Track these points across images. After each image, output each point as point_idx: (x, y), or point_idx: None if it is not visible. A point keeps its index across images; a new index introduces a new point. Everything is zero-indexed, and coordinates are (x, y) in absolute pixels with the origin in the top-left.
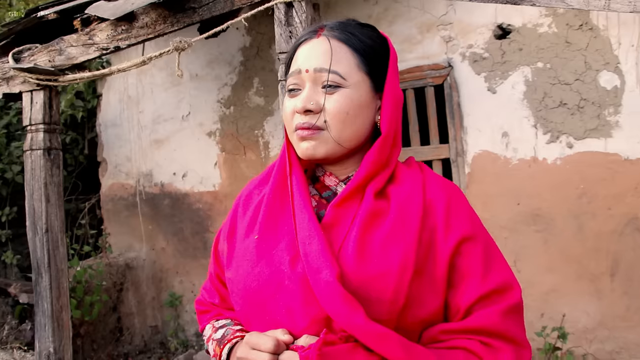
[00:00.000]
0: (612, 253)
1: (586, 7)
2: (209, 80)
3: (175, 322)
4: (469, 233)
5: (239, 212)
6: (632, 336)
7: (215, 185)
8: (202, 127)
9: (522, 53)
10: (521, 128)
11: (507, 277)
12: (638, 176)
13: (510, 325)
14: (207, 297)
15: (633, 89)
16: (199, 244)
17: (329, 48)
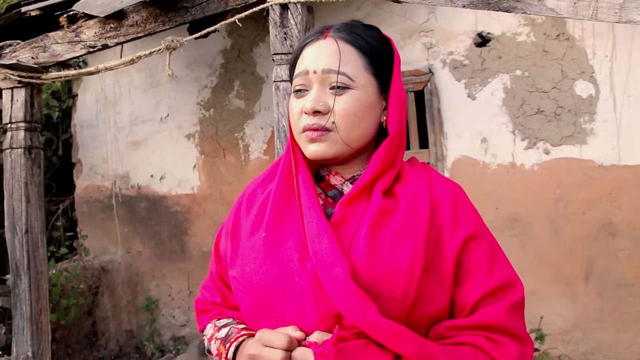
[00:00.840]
0: (587, 257)
1: (575, 17)
2: (189, 82)
3: (151, 327)
4: (474, 231)
5: (242, 211)
6: (605, 337)
7: (193, 188)
8: (181, 129)
9: (501, 61)
10: (500, 134)
11: (511, 274)
12: (611, 182)
13: (515, 321)
14: (207, 296)
15: (607, 98)
16: (176, 247)
17: (337, 49)
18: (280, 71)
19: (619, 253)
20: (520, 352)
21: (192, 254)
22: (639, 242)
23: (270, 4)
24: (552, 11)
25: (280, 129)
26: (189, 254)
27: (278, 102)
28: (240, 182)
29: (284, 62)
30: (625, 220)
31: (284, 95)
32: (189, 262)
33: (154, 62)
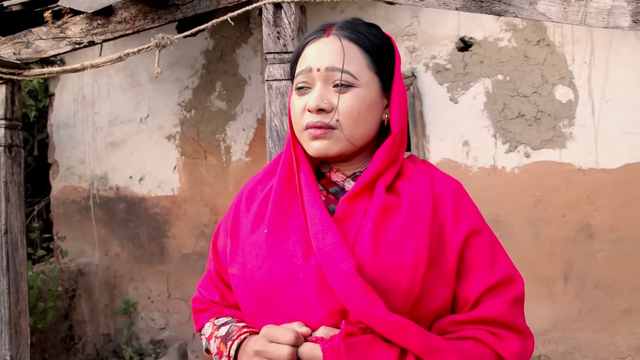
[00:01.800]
0: (566, 258)
1: (564, 21)
2: (170, 82)
3: (129, 330)
4: (476, 226)
5: (242, 208)
6: (583, 337)
7: (174, 189)
8: (162, 130)
9: (483, 65)
10: (481, 137)
11: (511, 269)
12: (590, 185)
13: (516, 315)
14: (205, 294)
15: (585, 103)
16: (155, 250)
17: (341, 47)
18: (272, 70)
19: (596, 254)
20: (522, 346)
21: (171, 257)
22: (616, 243)
23: (264, 2)
24: (543, 15)
25: (272, 128)
26: (169, 256)
27: (270, 101)
28: (221, 184)
29: (276, 61)
30: (603, 222)
31: (277, 94)
32: (169, 265)
33: (134, 62)
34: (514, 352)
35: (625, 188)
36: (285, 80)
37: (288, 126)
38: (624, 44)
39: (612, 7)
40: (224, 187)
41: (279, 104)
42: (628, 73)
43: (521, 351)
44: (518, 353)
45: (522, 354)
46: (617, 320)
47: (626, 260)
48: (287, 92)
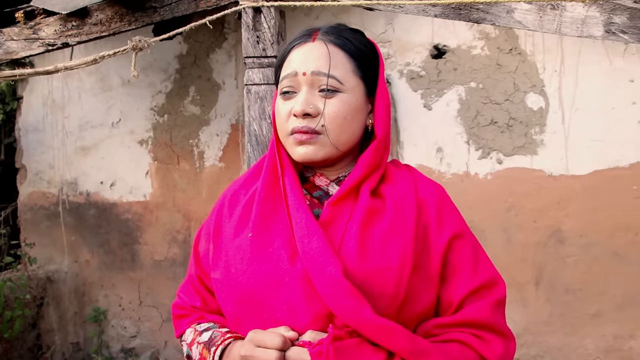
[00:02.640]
0: (537, 263)
1: (540, 30)
2: (143, 87)
3: (99, 339)
4: (459, 230)
5: (225, 212)
6: (554, 341)
7: (146, 195)
8: (134, 135)
9: (457, 73)
10: (454, 144)
11: (494, 273)
12: (560, 191)
13: (498, 318)
14: (186, 300)
15: (556, 111)
16: (126, 256)
17: (327, 52)
18: (251, 74)
19: (567, 259)
20: (504, 348)
21: (143, 263)
22: (585, 248)
23: (243, 6)
24: (520, 24)
25: (251, 133)
26: (140, 263)
27: (249, 105)
28: (194, 190)
29: (255, 66)
30: (573, 227)
31: (256, 99)
32: (140, 272)
33: (105, 66)
34: (497, 354)
35: (594, 194)
36: (265, 85)
37: (267, 131)
38: (593, 54)
39: (585, 17)
40: (197, 193)
41: (258, 108)
42: (597, 82)
43: (504, 353)
44: (501, 355)
45: (504, 356)
46: (587, 324)
47: (595, 264)
48: (266, 97)
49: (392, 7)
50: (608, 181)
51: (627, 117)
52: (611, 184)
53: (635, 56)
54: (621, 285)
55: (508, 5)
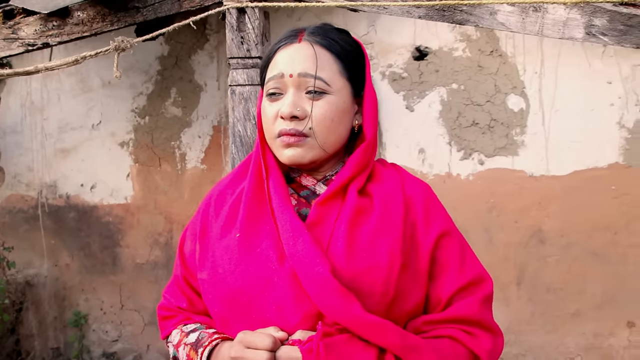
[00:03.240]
0: (519, 263)
1: (523, 31)
2: (123, 88)
3: (79, 343)
4: (446, 228)
5: (211, 212)
6: (535, 339)
7: (127, 197)
8: (114, 137)
9: (439, 74)
10: (437, 145)
11: (481, 269)
12: (541, 192)
13: (487, 314)
14: (172, 301)
15: (536, 112)
16: (107, 259)
17: (313, 53)
18: (236, 75)
19: (548, 259)
20: (493, 343)
21: (124, 266)
22: (566, 248)
23: (227, 7)
24: (502, 25)
25: (235, 134)
26: (122, 266)
27: (233, 106)
28: (176, 192)
29: (240, 67)
30: (554, 227)
31: (240, 99)
32: (122, 275)
33: (85, 67)
34: (486, 350)
35: (574, 194)
36: (249, 86)
37: (251, 132)
38: (572, 56)
39: (567, 19)
40: (179, 195)
41: (242, 109)
42: (576, 84)
43: (493, 349)
44: (490, 350)
45: (493, 351)
46: (567, 322)
47: (575, 264)
48: (250, 98)
49: (377, 8)
50: (587, 182)
51: (605, 118)
52: (590, 184)
53: (613, 58)
54: (600, 284)
55: (491, 7)
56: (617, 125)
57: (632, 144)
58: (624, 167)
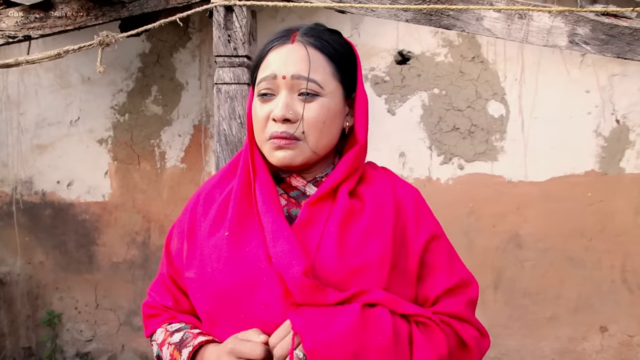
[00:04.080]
0: (496, 267)
1: (508, 38)
2: (103, 85)
3: (52, 343)
4: (435, 232)
5: (199, 210)
6: (512, 343)
7: (104, 195)
8: (93, 134)
9: (420, 79)
10: (417, 149)
11: (468, 273)
12: (519, 197)
13: (472, 315)
14: (157, 299)
15: (516, 119)
16: (83, 258)
17: (307, 55)
18: (222, 74)
19: (525, 263)
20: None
21: (100, 265)
22: (542, 253)
23: (215, 5)
24: (488, 31)
25: (220, 133)
26: (97, 264)
27: (219, 105)
28: (155, 191)
29: (226, 65)
30: (531, 232)
31: (226, 98)
32: (97, 274)
33: (64, 62)
34: (473, 337)
35: (551, 200)
36: (235, 84)
37: (237, 130)
38: (551, 64)
39: (551, 27)
40: (158, 194)
41: (228, 107)
42: (555, 91)
43: (480, 339)
44: (477, 338)
45: (480, 341)
46: (543, 326)
47: (551, 269)
48: (236, 97)
49: (364, 10)
50: (564, 188)
51: (582, 126)
52: (567, 191)
53: (591, 68)
54: (575, 289)
55: (478, 13)
56: (593, 133)
57: (607, 152)
58: (599, 174)
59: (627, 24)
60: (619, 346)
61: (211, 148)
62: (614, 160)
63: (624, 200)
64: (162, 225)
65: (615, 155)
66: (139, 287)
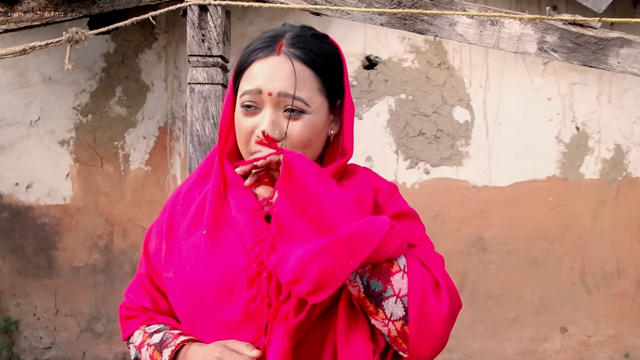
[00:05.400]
0: (461, 271)
1: (480, 44)
2: (65, 85)
3: (9, 351)
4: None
5: (178, 210)
6: (475, 345)
7: (65, 198)
8: (54, 135)
9: (388, 84)
10: (384, 153)
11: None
12: (483, 201)
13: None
14: (135, 300)
15: (481, 124)
16: (43, 263)
17: (293, 71)
18: (195, 73)
19: (488, 267)
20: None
21: (61, 270)
22: (505, 256)
23: (189, 3)
24: (461, 37)
25: (193, 133)
26: (58, 269)
27: (192, 105)
28: (118, 194)
29: (200, 65)
30: (495, 236)
31: (199, 98)
32: (57, 279)
33: (24, 61)
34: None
35: (514, 205)
36: (209, 85)
37: (210, 131)
38: (514, 71)
39: (521, 34)
40: (121, 197)
41: (201, 108)
42: (518, 98)
43: (454, 288)
44: (450, 288)
45: (454, 292)
46: (506, 327)
47: (514, 271)
48: (209, 97)
49: (340, 13)
50: (527, 192)
51: (544, 132)
52: (529, 195)
53: (553, 76)
54: (537, 291)
55: (451, 19)
56: (555, 139)
57: (568, 157)
58: (560, 179)
59: (593, 33)
60: (578, 346)
61: (176, 150)
62: (574, 166)
63: (583, 204)
64: (125, 229)
65: (575, 161)
66: (101, 292)
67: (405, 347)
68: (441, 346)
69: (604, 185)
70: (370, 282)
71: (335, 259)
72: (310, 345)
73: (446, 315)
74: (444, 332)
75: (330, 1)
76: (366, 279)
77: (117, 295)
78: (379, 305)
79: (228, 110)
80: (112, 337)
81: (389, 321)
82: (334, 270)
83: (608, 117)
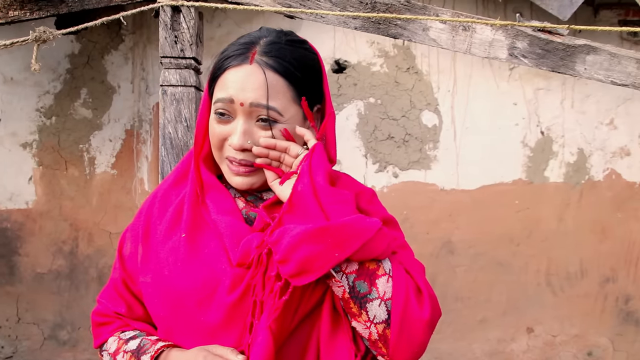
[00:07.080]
0: (430, 273)
1: (452, 49)
2: (28, 86)
3: None
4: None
5: (155, 213)
6: (444, 347)
7: (28, 202)
8: (16, 137)
9: (357, 88)
10: (353, 157)
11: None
12: (451, 205)
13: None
14: (109, 306)
15: (449, 128)
16: (4, 269)
17: (265, 81)
18: (168, 75)
19: (457, 269)
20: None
21: (23, 276)
22: (473, 258)
23: (162, 4)
24: (434, 41)
25: (165, 136)
26: (20, 276)
27: (165, 107)
28: (83, 198)
29: (172, 66)
30: (463, 239)
31: (172, 100)
32: (19, 285)
33: None
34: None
35: (481, 208)
36: (182, 87)
37: (182, 134)
38: (481, 76)
39: (492, 40)
40: (87, 201)
41: (174, 110)
42: (485, 103)
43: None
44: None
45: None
46: (474, 329)
47: (482, 273)
48: (182, 99)
49: (314, 16)
50: (494, 196)
51: (510, 137)
52: (496, 198)
53: (518, 82)
54: (504, 292)
55: (424, 24)
56: (521, 143)
57: (533, 161)
58: (526, 183)
59: (561, 40)
60: (543, 346)
61: (144, 154)
62: (539, 170)
63: (548, 207)
64: (90, 234)
65: (540, 165)
66: (65, 298)
67: (385, 351)
68: (420, 352)
69: (568, 189)
70: (356, 283)
71: (322, 247)
72: (293, 347)
73: (427, 321)
74: (424, 338)
75: (304, 4)
76: (352, 279)
77: (82, 302)
78: (362, 307)
79: (204, 114)
80: (77, 344)
81: (371, 323)
82: (319, 257)
83: (571, 122)
